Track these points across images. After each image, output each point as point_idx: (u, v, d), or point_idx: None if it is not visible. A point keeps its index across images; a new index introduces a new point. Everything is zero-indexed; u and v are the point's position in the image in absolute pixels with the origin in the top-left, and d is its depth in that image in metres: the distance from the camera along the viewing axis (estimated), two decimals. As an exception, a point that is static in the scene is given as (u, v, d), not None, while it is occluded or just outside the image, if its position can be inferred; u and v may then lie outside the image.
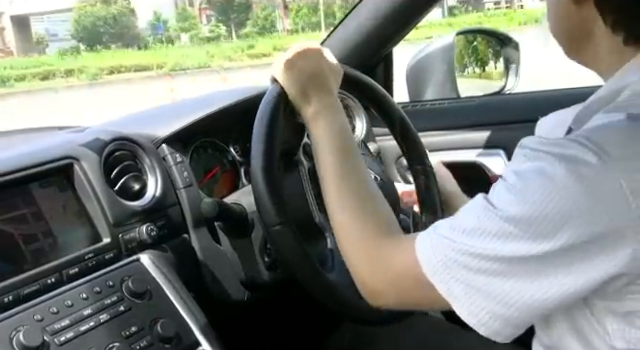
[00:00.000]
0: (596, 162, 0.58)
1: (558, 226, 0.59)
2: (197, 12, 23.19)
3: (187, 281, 1.03)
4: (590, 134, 0.61)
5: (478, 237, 0.63)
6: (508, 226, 0.61)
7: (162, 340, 0.91)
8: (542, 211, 0.59)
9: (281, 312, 1.30)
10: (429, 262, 0.66)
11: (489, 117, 1.55)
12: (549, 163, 0.60)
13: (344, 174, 0.82)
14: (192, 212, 1.11)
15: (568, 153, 0.59)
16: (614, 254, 0.58)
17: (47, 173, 0.97)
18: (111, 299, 0.92)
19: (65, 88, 15.04)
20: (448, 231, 0.66)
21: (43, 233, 0.93)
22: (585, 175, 0.58)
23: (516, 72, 1.71)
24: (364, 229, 0.76)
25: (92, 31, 20.14)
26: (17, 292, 0.86)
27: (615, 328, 0.63)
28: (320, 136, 0.86)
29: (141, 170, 1.09)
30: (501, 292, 0.62)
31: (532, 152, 0.63)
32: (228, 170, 1.28)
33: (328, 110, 0.87)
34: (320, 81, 0.89)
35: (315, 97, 0.88)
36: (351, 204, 0.79)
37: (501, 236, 0.61)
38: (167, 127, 1.15)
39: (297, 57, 0.90)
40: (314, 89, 0.88)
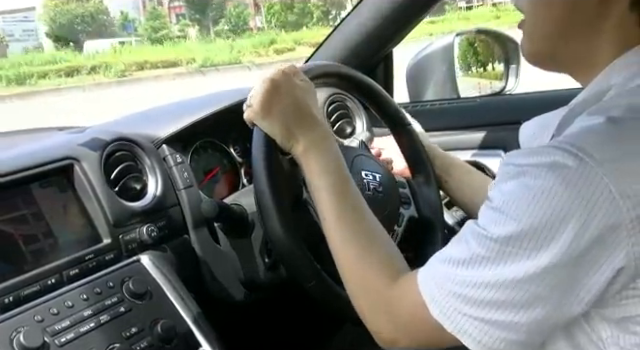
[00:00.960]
0: (579, 166, 0.57)
1: (551, 235, 0.58)
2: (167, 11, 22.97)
3: (187, 282, 1.03)
4: (572, 139, 0.60)
5: (475, 266, 0.62)
6: (501, 247, 0.60)
7: (162, 341, 0.91)
8: (532, 223, 0.58)
9: (281, 312, 1.30)
10: (435, 301, 0.65)
11: (489, 117, 1.55)
12: (532, 176, 0.59)
13: (342, 213, 0.79)
14: (192, 213, 1.11)
15: (550, 160, 0.59)
16: (611, 257, 0.58)
17: (47, 173, 0.97)
18: (111, 300, 0.92)
19: (93, 85, 14.12)
20: (445, 265, 0.65)
21: (43, 234, 0.93)
22: (572, 181, 0.57)
23: (516, 72, 1.71)
24: (368, 274, 0.74)
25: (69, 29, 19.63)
26: (17, 293, 0.86)
27: (609, 335, 0.63)
28: (313, 173, 0.82)
29: (141, 171, 1.09)
30: (511, 321, 0.61)
31: (515, 168, 0.62)
32: (228, 171, 1.28)
33: (317, 143, 0.84)
34: (302, 114, 0.85)
35: (301, 134, 0.84)
36: (353, 246, 0.76)
37: (496, 259, 0.61)
38: (167, 127, 1.15)
39: (271, 96, 0.85)
40: (298, 126, 0.84)
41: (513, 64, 1.72)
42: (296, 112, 0.84)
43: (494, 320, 0.62)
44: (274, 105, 0.84)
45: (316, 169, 0.82)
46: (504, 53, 1.72)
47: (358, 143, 1.17)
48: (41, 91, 13.52)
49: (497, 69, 1.73)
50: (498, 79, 1.72)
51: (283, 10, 21.54)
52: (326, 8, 22.27)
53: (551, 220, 0.58)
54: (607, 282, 0.59)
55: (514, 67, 1.71)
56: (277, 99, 0.84)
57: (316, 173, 0.82)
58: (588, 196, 0.57)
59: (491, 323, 0.62)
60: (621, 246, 0.57)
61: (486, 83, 1.71)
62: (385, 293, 0.71)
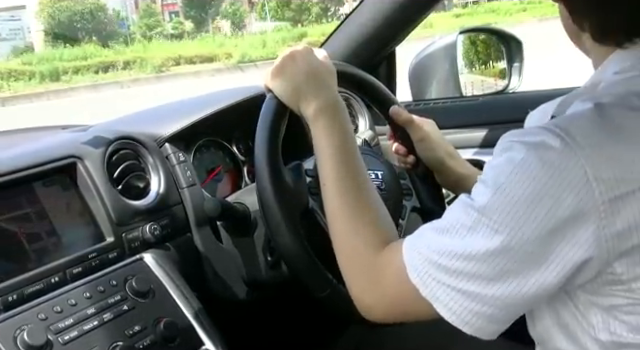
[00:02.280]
0: (562, 147, 0.60)
1: (528, 211, 0.60)
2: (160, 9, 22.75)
3: (190, 280, 1.03)
4: (559, 121, 0.63)
5: (453, 234, 0.64)
6: (481, 217, 0.62)
7: (165, 339, 0.92)
8: (512, 198, 0.60)
9: (284, 311, 1.30)
10: (414, 267, 0.67)
11: (492, 116, 1.54)
12: (518, 151, 0.62)
13: (342, 178, 0.81)
14: (195, 211, 1.11)
15: (536, 140, 0.61)
16: (579, 237, 0.59)
17: (50, 172, 0.97)
18: (114, 298, 0.92)
19: (130, 81, 13.48)
20: (429, 232, 0.68)
21: (47, 232, 0.94)
22: (551, 160, 0.59)
23: (519, 71, 1.71)
24: (357, 241, 0.76)
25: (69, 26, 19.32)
26: (21, 291, 0.86)
27: (599, 320, 0.64)
28: (320, 134, 0.84)
29: (144, 169, 1.09)
30: (480, 292, 0.63)
31: (506, 143, 0.64)
32: (231, 169, 1.28)
33: (329, 108, 0.85)
34: (315, 79, 0.87)
35: (313, 95, 0.86)
36: (349, 213, 0.78)
37: (474, 228, 0.63)
38: (170, 126, 1.15)
39: (286, 61, 0.88)
40: (310, 88, 0.86)
41: (516, 62, 1.71)
42: (309, 76, 0.87)
43: (465, 290, 0.63)
44: (288, 67, 0.88)
45: (324, 131, 0.84)
46: (507, 51, 1.72)
47: (361, 141, 1.17)
48: (77, 87, 12.98)
49: (497, 67, 1.73)
50: (497, 77, 1.72)
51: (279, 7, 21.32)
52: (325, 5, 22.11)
53: (525, 195, 0.60)
54: (579, 262, 0.60)
55: (517, 65, 1.71)
56: (292, 63, 0.88)
57: (323, 135, 0.84)
58: (563, 177, 0.59)
59: (462, 293, 0.64)
60: (591, 228, 0.59)
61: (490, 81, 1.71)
62: (370, 259, 0.73)
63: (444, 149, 1.08)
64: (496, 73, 1.73)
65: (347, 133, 0.85)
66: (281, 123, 0.89)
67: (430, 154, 1.08)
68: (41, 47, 18.78)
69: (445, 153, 1.08)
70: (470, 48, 1.71)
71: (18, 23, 21.00)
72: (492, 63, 1.73)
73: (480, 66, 1.72)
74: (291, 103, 0.88)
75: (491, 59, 1.73)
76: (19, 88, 12.86)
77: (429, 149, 1.08)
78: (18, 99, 11.99)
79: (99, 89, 12.69)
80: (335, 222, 0.79)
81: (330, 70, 0.91)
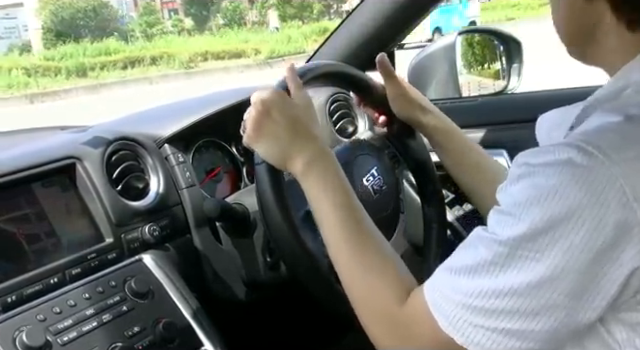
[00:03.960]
0: (594, 165, 0.56)
1: (563, 236, 0.56)
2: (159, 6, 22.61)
3: (189, 281, 1.03)
4: (588, 136, 0.58)
5: (483, 273, 0.60)
6: (510, 250, 0.59)
7: (165, 340, 0.91)
8: (543, 224, 0.57)
9: (284, 312, 1.30)
10: (443, 314, 0.63)
11: (491, 117, 1.54)
12: (544, 175, 0.58)
13: (347, 233, 0.75)
14: (194, 212, 1.11)
15: (563, 158, 0.57)
16: (624, 260, 0.56)
17: (49, 173, 0.97)
18: (114, 299, 0.92)
19: (159, 77, 12.88)
20: (451, 275, 0.64)
21: (46, 233, 0.93)
22: (583, 179, 0.56)
23: (518, 72, 1.71)
24: (376, 296, 0.71)
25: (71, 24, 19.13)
26: (20, 292, 0.86)
27: (625, 337, 0.61)
28: (313, 193, 0.79)
29: (143, 170, 1.09)
30: (525, 330, 0.59)
31: (526, 168, 0.60)
32: (230, 170, 1.28)
33: (316, 161, 0.80)
34: (296, 132, 0.81)
35: (297, 152, 0.80)
36: (359, 267, 0.74)
37: (505, 264, 0.59)
38: (169, 127, 1.15)
39: (261, 118, 0.82)
40: (293, 145, 0.81)
41: (515, 63, 1.71)
42: (290, 132, 0.81)
43: (507, 329, 0.60)
44: (265, 127, 0.82)
45: (316, 189, 0.79)
46: (506, 52, 1.72)
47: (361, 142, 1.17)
48: (107, 83, 12.42)
49: (492, 68, 1.73)
50: (493, 78, 1.72)
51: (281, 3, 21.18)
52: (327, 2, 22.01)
53: (563, 221, 0.56)
54: (620, 286, 0.58)
55: (516, 66, 1.71)
56: (269, 121, 0.82)
57: (316, 193, 0.79)
58: (601, 197, 0.55)
59: (504, 333, 0.60)
60: (633, 249, 0.56)
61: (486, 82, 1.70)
62: (395, 315, 0.69)
63: (418, 105, 1.04)
64: (492, 74, 1.73)
65: (342, 184, 0.80)
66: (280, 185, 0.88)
67: (405, 112, 1.04)
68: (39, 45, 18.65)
69: (419, 109, 1.04)
70: (468, 49, 1.71)
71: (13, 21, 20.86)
72: (488, 64, 1.74)
73: (477, 67, 1.72)
74: (278, 165, 0.83)
75: (487, 60, 1.74)
76: (46, 84, 12.40)
77: (404, 107, 1.03)
78: (48, 96, 11.62)
79: (128, 85, 12.32)
80: (346, 276, 0.75)
81: (306, 107, 0.85)
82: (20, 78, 12.23)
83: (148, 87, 12.08)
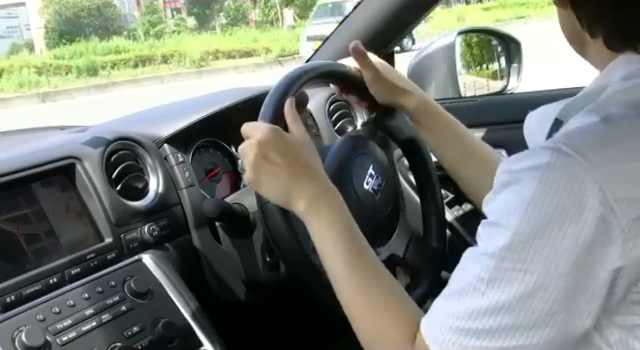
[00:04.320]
0: (573, 168, 0.56)
1: (555, 242, 0.56)
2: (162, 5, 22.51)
3: (189, 281, 1.03)
4: (567, 139, 0.59)
5: (473, 292, 0.60)
6: (497, 263, 0.59)
7: (164, 340, 0.91)
8: (535, 231, 0.57)
9: (283, 312, 1.30)
10: (437, 342, 0.63)
11: (491, 117, 1.54)
12: (524, 182, 0.58)
13: (353, 270, 0.74)
14: (194, 212, 1.11)
15: (543, 162, 0.58)
16: (607, 260, 0.56)
17: (49, 173, 0.97)
18: (113, 299, 0.92)
19: (170, 76, 12.69)
20: (444, 301, 0.64)
21: (45, 233, 0.93)
22: (563, 184, 0.56)
23: (518, 72, 1.71)
24: (383, 332, 0.71)
25: (75, 22, 19.04)
26: (19, 292, 0.86)
27: (618, 339, 0.61)
28: (317, 230, 0.77)
29: (143, 170, 1.09)
30: (522, 345, 0.59)
31: (508, 175, 0.60)
32: (229, 170, 1.28)
33: (318, 199, 0.78)
34: (297, 172, 0.79)
35: (299, 191, 0.78)
36: (365, 303, 0.73)
37: (492, 279, 0.59)
38: (169, 127, 1.15)
39: (258, 161, 0.79)
40: (294, 184, 0.78)
41: (515, 63, 1.72)
42: (291, 171, 0.79)
43: (505, 347, 0.59)
44: (265, 169, 0.79)
45: (319, 227, 0.77)
46: (506, 52, 1.72)
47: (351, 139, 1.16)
48: (118, 82, 12.23)
49: (491, 68, 1.73)
50: (490, 78, 1.72)
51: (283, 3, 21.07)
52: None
53: (547, 225, 0.57)
54: (608, 286, 0.58)
55: (516, 66, 1.71)
56: (267, 163, 0.79)
57: (319, 231, 0.77)
58: (583, 200, 0.56)
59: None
60: (617, 250, 0.56)
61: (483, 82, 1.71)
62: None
63: (397, 87, 1.00)
64: (489, 75, 1.73)
65: (345, 221, 0.78)
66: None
67: (385, 96, 1.01)
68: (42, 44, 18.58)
69: (399, 92, 1.00)
70: (466, 50, 1.71)
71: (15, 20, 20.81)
72: (486, 65, 1.74)
73: (475, 67, 1.73)
74: (282, 204, 0.81)
75: (484, 61, 1.74)
76: (57, 83, 12.26)
77: (383, 92, 1.00)
78: (60, 94, 11.44)
79: (139, 84, 12.21)
80: (352, 310, 0.74)
81: (304, 143, 0.82)
82: (31, 77, 12.13)
83: (160, 86, 12.00)
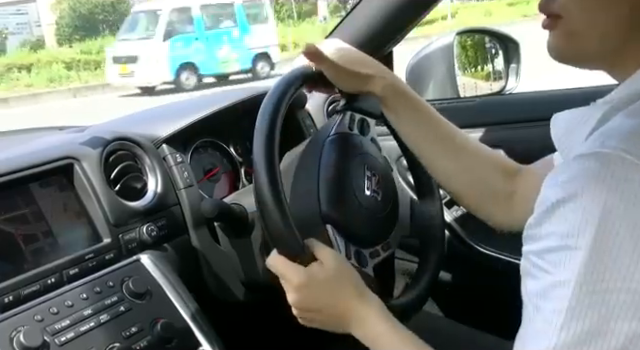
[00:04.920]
0: (636, 172, 0.53)
1: (619, 249, 0.52)
2: None
3: (187, 281, 1.03)
4: (621, 143, 0.55)
5: (554, 330, 0.55)
6: (579, 288, 0.53)
7: (162, 340, 0.91)
8: (606, 247, 0.53)
9: (281, 312, 1.30)
10: None
11: (490, 117, 1.54)
12: (586, 194, 0.53)
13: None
14: (192, 212, 1.11)
15: (601, 170, 0.54)
16: None
17: (47, 173, 0.97)
18: (111, 299, 0.92)
19: None
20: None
21: (43, 233, 0.93)
22: (628, 188, 0.52)
23: (516, 72, 1.71)
24: None
25: (89, 18, 18.98)
26: (17, 292, 0.86)
27: None
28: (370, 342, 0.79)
29: (141, 170, 1.09)
30: None
31: (561, 191, 0.55)
32: (228, 170, 1.28)
33: (366, 321, 0.80)
34: (338, 302, 0.81)
35: (348, 320, 0.81)
36: None
37: (575, 308, 0.54)
38: (167, 127, 1.15)
39: (304, 306, 0.83)
40: (342, 318, 0.81)
41: (513, 63, 1.72)
42: (334, 304, 0.81)
43: None
44: (309, 314, 0.84)
45: (371, 338, 0.79)
46: (504, 52, 1.72)
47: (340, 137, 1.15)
48: None
49: (485, 70, 1.73)
50: (484, 80, 1.72)
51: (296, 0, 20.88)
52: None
53: (620, 238, 0.52)
54: None
55: (514, 66, 1.71)
56: (311, 303, 0.83)
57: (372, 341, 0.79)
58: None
59: None
60: None
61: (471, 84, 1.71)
62: None
63: (358, 74, 0.94)
64: (482, 76, 1.73)
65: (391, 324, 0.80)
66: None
67: (348, 86, 0.96)
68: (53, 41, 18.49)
69: (361, 79, 0.94)
70: (462, 51, 1.71)
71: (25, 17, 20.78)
72: (481, 66, 1.74)
73: (470, 69, 1.73)
74: (338, 331, 0.84)
75: (478, 63, 1.74)
76: (88, 78, 12.24)
77: (345, 83, 0.95)
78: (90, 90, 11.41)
79: None
80: None
81: (341, 272, 0.82)
82: (61, 72, 12.10)
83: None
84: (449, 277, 1.45)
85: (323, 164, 0.95)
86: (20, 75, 12.56)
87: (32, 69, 12.48)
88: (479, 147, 1.00)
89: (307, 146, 1.00)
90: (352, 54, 0.95)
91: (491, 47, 1.74)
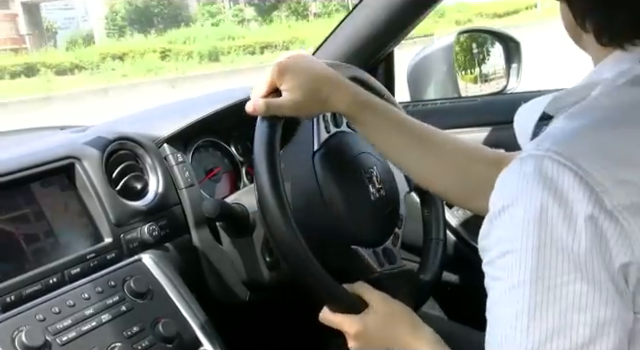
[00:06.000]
0: (569, 177, 0.55)
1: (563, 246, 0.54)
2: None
3: (189, 281, 1.03)
4: (558, 146, 0.57)
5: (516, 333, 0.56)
6: (534, 287, 0.55)
7: (164, 340, 0.91)
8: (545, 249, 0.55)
9: (283, 312, 1.30)
10: None
11: (491, 117, 1.54)
12: (522, 200, 0.56)
13: None
14: (194, 212, 1.11)
15: (538, 174, 0.56)
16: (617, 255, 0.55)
17: (49, 173, 0.97)
18: (113, 299, 0.92)
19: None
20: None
21: (45, 233, 0.93)
22: (564, 195, 0.55)
23: (517, 72, 1.71)
24: None
25: (145, 12, 18.95)
26: (19, 292, 0.86)
27: None
28: None
29: (143, 170, 1.09)
30: None
31: (500, 202, 0.58)
32: (229, 170, 1.28)
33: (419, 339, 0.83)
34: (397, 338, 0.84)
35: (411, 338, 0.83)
36: None
37: (536, 307, 0.55)
38: (169, 127, 1.15)
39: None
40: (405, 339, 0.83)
41: (514, 63, 1.72)
42: (395, 344, 0.84)
43: None
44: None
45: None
46: (505, 52, 1.72)
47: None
48: (241, 70, 11.69)
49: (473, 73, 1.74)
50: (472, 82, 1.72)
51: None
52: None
53: (558, 233, 0.55)
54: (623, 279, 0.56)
55: (515, 66, 1.71)
56: (373, 346, 0.85)
57: None
58: (583, 211, 0.54)
59: None
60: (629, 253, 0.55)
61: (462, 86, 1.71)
62: None
63: (317, 104, 0.88)
64: (470, 79, 1.73)
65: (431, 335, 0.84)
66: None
67: (312, 114, 0.94)
68: (102, 35, 18.45)
69: (320, 104, 0.88)
70: (459, 52, 1.71)
71: (72, 12, 20.83)
72: (468, 70, 1.74)
73: (460, 72, 1.73)
74: None
75: (467, 66, 1.74)
76: (184, 69, 12.07)
77: (307, 113, 0.91)
78: (187, 80, 11.03)
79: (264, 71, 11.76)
80: None
81: (407, 316, 0.86)
82: (156, 62, 12.07)
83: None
84: (451, 278, 1.45)
85: (324, 190, 0.95)
86: (114, 64, 12.56)
87: (124, 59, 12.50)
88: (457, 142, 0.97)
89: (299, 168, 0.97)
90: (308, 76, 0.87)
91: (479, 52, 1.75)
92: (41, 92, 10.80)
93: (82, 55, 13.29)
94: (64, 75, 12.59)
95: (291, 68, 0.87)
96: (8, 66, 12.82)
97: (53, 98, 10.30)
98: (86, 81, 11.83)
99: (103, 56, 12.95)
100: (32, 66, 12.72)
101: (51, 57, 13.65)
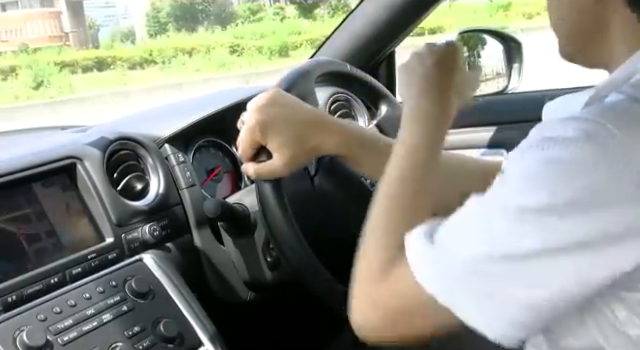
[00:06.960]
0: (604, 140, 0.55)
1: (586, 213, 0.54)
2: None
3: (190, 281, 1.03)
4: (595, 114, 0.57)
5: (488, 237, 0.58)
6: (522, 215, 0.56)
7: (165, 340, 0.91)
8: (568, 197, 0.54)
9: (284, 312, 1.30)
10: (434, 282, 0.60)
11: (492, 117, 1.54)
12: (555, 150, 0.56)
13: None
14: (195, 212, 1.11)
15: (581, 131, 0.55)
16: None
17: (50, 173, 0.97)
18: (114, 299, 0.92)
19: None
20: (449, 238, 0.61)
21: (46, 233, 0.93)
22: (595, 153, 0.54)
23: (519, 72, 1.71)
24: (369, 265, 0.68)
25: (190, 9, 18.95)
26: (20, 292, 0.86)
27: (624, 315, 0.59)
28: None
29: (144, 170, 1.09)
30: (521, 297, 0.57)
31: (541, 140, 0.58)
32: (230, 170, 1.28)
33: None
34: None
35: None
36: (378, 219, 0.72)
37: (514, 232, 0.56)
38: (170, 127, 1.15)
39: None
40: None
41: (515, 63, 1.71)
42: None
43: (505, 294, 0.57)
44: None
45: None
46: (506, 52, 1.72)
47: None
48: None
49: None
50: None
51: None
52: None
53: (587, 195, 0.54)
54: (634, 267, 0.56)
55: (517, 66, 1.71)
56: None
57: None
58: (621, 176, 0.54)
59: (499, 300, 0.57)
60: None
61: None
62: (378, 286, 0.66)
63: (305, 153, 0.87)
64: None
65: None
66: None
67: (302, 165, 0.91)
68: (143, 32, 18.42)
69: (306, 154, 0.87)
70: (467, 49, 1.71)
71: (113, 9, 20.87)
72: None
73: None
74: None
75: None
76: (256, 64, 11.94)
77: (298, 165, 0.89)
78: (260, 76, 10.64)
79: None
80: None
81: None
82: (227, 57, 12.02)
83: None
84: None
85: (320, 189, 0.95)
86: (186, 59, 12.55)
87: (192, 54, 12.48)
88: (451, 162, 0.94)
89: None
90: (292, 129, 0.85)
91: (480, 52, 1.75)
92: (116, 86, 10.82)
93: (155, 49, 13.25)
94: (134, 70, 12.62)
95: (273, 124, 0.84)
96: (79, 60, 12.83)
97: (130, 92, 10.30)
98: (157, 75, 11.80)
99: (175, 50, 12.89)
100: (103, 60, 12.75)
101: (121, 51, 13.68)
